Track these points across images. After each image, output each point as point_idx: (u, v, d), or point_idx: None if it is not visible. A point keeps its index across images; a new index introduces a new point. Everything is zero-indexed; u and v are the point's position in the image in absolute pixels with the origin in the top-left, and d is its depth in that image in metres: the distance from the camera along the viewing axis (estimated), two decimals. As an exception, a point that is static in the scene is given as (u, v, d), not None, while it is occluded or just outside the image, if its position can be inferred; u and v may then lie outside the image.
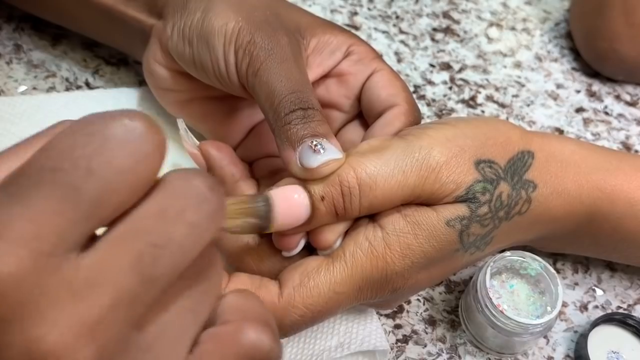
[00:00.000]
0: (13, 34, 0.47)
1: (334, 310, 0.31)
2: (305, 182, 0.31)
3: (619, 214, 0.36)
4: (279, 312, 0.29)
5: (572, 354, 0.39)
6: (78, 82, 0.46)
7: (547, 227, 0.36)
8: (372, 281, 0.31)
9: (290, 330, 0.30)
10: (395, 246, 0.31)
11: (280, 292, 0.30)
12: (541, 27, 0.55)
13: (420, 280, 0.33)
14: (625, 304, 0.41)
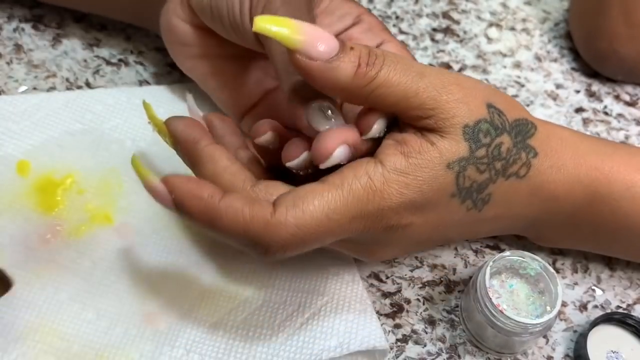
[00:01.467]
0: (13, 34, 0.47)
1: (324, 237, 0.30)
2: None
3: (617, 196, 0.36)
4: (270, 228, 0.29)
5: (571, 354, 0.39)
6: (78, 82, 0.46)
7: (546, 206, 0.36)
8: (366, 213, 0.31)
9: (279, 250, 0.30)
10: (394, 184, 0.31)
11: (273, 210, 0.30)
12: (541, 27, 0.55)
13: (416, 225, 0.33)
14: (625, 304, 0.41)
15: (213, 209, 0.29)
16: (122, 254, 0.38)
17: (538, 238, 0.40)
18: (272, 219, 0.29)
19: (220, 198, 0.29)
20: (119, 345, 0.35)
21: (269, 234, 0.29)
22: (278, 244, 0.29)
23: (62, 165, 0.40)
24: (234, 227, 0.29)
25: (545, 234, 0.40)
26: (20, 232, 0.38)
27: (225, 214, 0.29)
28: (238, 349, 0.35)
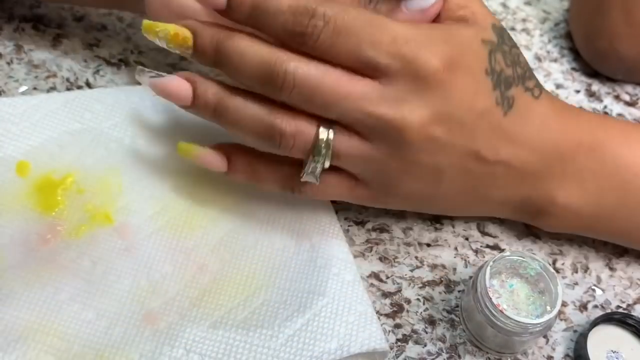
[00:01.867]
0: (13, 34, 0.47)
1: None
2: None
3: (616, 144, 0.39)
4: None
5: (571, 354, 0.39)
6: (79, 82, 0.46)
7: (554, 140, 0.37)
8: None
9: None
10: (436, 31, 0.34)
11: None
12: (541, 27, 0.55)
13: (453, 85, 0.33)
14: (625, 304, 0.41)
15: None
16: (122, 254, 0.38)
17: (544, 209, 0.40)
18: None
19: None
20: (118, 345, 0.35)
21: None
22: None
23: (62, 165, 0.40)
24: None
25: (551, 194, 0.39)
26: (20, 232, 0.38)
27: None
28: (238, 350, 0.35)
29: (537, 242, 0.43)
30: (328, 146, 0.33)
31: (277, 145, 0.33)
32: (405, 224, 0.43)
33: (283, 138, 0.33)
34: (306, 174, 0.35)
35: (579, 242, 0.44)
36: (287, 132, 0.33)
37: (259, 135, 0.34)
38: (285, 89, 0.32)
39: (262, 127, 0.33)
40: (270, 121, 0.33)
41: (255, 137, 0.34)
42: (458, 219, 0.44)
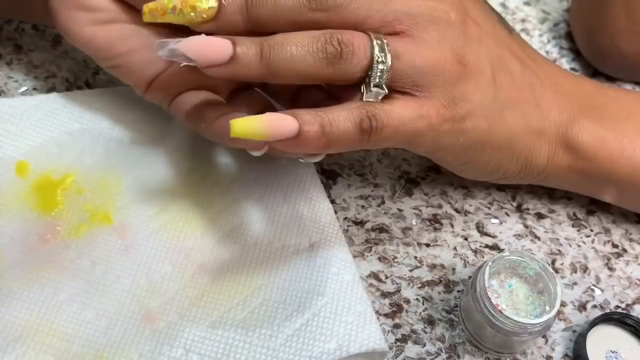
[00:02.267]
0: (13, 35, 0.47)
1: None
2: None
3: (606, 101, 0.41)
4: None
5: (570, 354, 0.39)
6: (78, 82, 0.46)
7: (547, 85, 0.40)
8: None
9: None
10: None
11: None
12: (540, 27, 0.55)
13: (473, 29, 0.36)
14: (624, 304, 0.42)
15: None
16: (121, 254, 0.38)
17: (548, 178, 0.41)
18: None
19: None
20: (118, 345, 0.35)
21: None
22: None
23: (61, 165, 0.40)
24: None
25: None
26: (19, 232, 0.38)
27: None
28: (237, 349, 0.35)
29: (536, 242, 0.43)
30: (384, 48, 0.33)
31: (339, 55, 0.32)
32: (404, 224, 0.43)
33: (343, 45, 0.32)
34: (371, 89, 0.33)
35: (578, 241, 0.44)
36: (345, 39, 0.32)
37: (318, 55, 0.32)
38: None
39: (319, 44, 0.32)
40: (324, 37, 0.32)
41: (314, 58, 0.32)
42: (457, 219, 0.44)
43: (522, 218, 0.44)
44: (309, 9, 0.33)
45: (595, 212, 0.45)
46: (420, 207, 0.44)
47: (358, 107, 0.33)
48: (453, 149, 0.37)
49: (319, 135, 0.32)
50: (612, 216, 0.45)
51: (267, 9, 0.32)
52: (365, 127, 0.32)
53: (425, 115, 0.34)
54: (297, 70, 0.32)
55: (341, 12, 0.33)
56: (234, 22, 0.33)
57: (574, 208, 0.45)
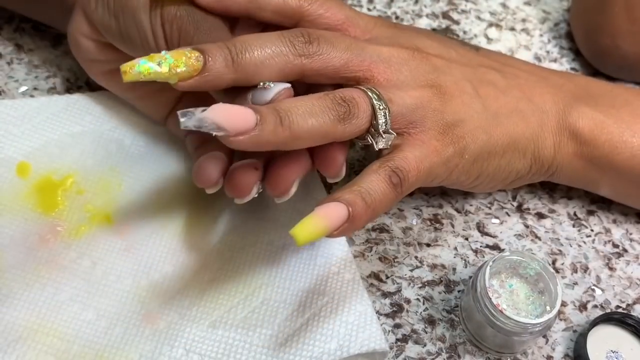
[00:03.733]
0: (14, 34, 0.47)
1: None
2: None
3: (599, 91, 0.42)
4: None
5: (571, 354, 0.39)
6: (79, 82, 0.46)
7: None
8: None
9: None
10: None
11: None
12: (540, 27, 0.55)
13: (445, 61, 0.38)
14: (624, 304, 0.42)
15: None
16: (121, 254, 0.38)
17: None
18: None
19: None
20: (118, 345, 0.35)
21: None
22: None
23: (62, 166, 0.40)
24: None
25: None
26: (20, 232, 0.38)
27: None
28: (237, 349, 0.36)
29: (536, 242, 0.43)
30: (379, 95, 0.34)
31: (349, 112, 0.33)
32: (405, 224, 0.43)
33: (348, 101, 0.33)
34: (382, 137, 0.34)
35: (578, 241, 0.44)
36: (347, 96, 0.33)
37: (330, 116, 0.33)
38: (314, 45, 0.34)
39: (329, 104, 0.33)
40: (329, 98, 0.33)
41: (329, 119, 0.33)
42: (457, 219, 0.44)
43: (522, 218, 0.44)
44: (296, 55, 0.34)
45: (596, 212, 0.45)
46: (420, 206, 0.44)
47: (380, 167, 0.34)
48: (462, 168, 0.38)
49: (365, 209, 0.33)
50: (613, 216, 0.45)
51: (254, 60, 0.33)
52: (396, 181, 0.34)
53: (432, 148, 0.36)
54: (318, 131, 0.32)
55: (324, 57, 0.34)
56: (220, 76, 0.32)
57: (574, 208, 0.45)
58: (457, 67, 0.39)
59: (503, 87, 0.40)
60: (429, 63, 0.38)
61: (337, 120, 0.33)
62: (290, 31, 0.34)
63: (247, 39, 0.33)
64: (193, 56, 0.32)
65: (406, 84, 0.36)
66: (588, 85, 0.43)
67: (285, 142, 0.32)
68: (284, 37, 0.34)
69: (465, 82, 0.38)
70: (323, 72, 0.35)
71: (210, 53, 0.32)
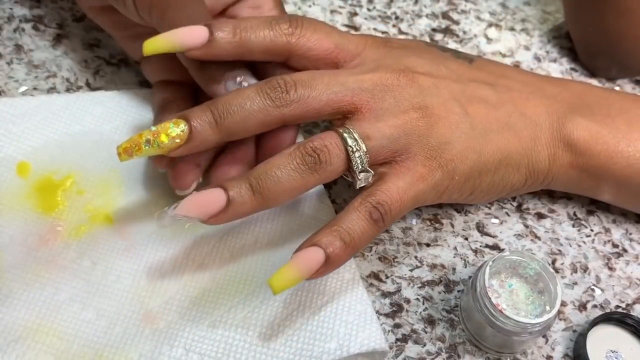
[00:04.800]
0: (14, 35, 0.47)
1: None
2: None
3: (595, 99, 0.42)
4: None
5: (570, 353, 0.39)
6: (79, 82, 0.46)
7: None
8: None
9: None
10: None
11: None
12: (540, 27, 0.55)
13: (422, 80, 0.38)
14: (624, 304, 0.42)
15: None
16: (121, 254, 0.38)
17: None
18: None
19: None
20: (118, 345, 0.35)
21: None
22: None
23: (62, 166, 0.40)
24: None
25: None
26: (20, 232, 0.38)
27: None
28: (237, 349, 0.35)
29: (536, 241, 0.43)
30: (353, 137, 0.35)
31: (319, 161, 0.34)
32: (404, 224, 0.43)
33: (318, 150, 0.34)
34: (358, 177, 0.35)
35: (578, 241, 0.44)
36: (317, 145, 0.35)
37: (300, 168, 0.34)
38: (291, 94, 0.35)
39: (297, 159, 0.34)
40: (299, 151, 0.34)
41: (299, 172, 0.34)
42: (457, 218, 0.44)
43: (522, 218, 0.44)
44: (274, 107, 0.35)
45: (596, 212, 0.45)
46: (420, 206, 0.44)
47: (361, 204, 0.35)
48: (454, 188, 0.38)
49: (344, 250, 0.34)
50: (612, 216, 0.45)
51: (236, 118, 0.35)
52: (376, 217, 0.35)
53: (418, 175, 0.36)
54: (290, 189, 0.34)
55: (304, 102, 0.35)
56: (206, 139, 0.35)
57: (574, 208, 0.45)
58: (445, 86, 0.38)
59: (495, 102, 0.39)
60: (414, 85, 0.37)
61: (308, 172, 0.34)
62: (267, 82, 0.36)
63: (227, 100, 0.35)
64: (178, 127, 0.34)
65: (389, 112, 0.36)
66: (584, 94, 0.42)
67: (260, 207, 0.34)
68: (261, 91, 0.35)
69: (453, 102, 0.38)
70: (304, 115, 0.36)
71: (194, 119, 0.34)
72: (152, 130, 0.34)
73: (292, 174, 0.34)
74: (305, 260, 0.33)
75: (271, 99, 0.35)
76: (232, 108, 0.35)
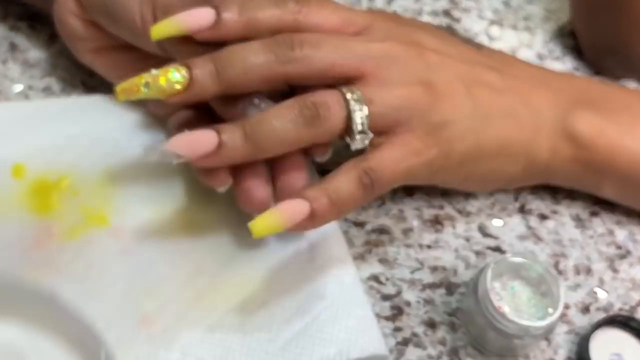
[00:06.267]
0: (9, 33, 0.47)
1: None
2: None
3: (599, 94, 0.42)
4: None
5: (573, 356, 0.39)
6: (74, 81, 0.45)
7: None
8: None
9: None
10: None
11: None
12: (543, 25, 0.55)
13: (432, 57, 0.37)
14: (628, 306, 0.41)
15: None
16: (117, 256, 0.38)
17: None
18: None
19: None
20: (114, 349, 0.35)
21: None
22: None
23: (57, 168, 0.40)
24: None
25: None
26: (15, 234, 0.38)
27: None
28: (235, 353, 0.35)
29: (539, 243, 0.43)
30: (357, 97, 0.34)
31: (317, 115, 0.34)
32: (405, 225, 0.43)
33: (318, 105, 0.34)
34: (356, 137, 0.34)
35: (581, 243, 0.43)
36: (318, 100, 0.34)
37: (297, 121, 0.34)
38: (296, 51, 0.34)
39: (295, 111, 0.34)
40: (298, 103, 0.34)
41: (295, 124, 0.34)
42: (458, 220, 0.43)
43: (524, 219, 0.44)
44: (278, 63, 0.34)
45: (599, 213, 0.45)
46: (421, 207, 0.44)
47: (352, 167, 0.34)
48: (449, 170, 0.38)
49: (329, 207, 0.34)
50: (616, 217, 0.45)
51: (237, 72, 0.34)
52: (366, 182, 0.34)
53: (414, 149, 0.35)
54: (282, 140, 0.34)
55: (309, 61, 0.34)
56: (206, 89, 0.34)
57: (577, 209, 0.45)
58: (452, 65, 0.38)
59: (499, 88, 0.39)
60: (422, 59, 0.37)
61: (304, 125, 0.34)
62: (273, 38, 0.35)
63: (230, 51, 0.34)
64: (179, 72, 0.33)
65: (395, 82, 0.36)
66: (588, 88, 0.42)
67: (251, 155, 0.34)
68: (266, 46, 0.34)
69: (458, 82, 0.38)
70: (308, 76, 0.35)
71: (196, 68, 0.34)
72: (152, 74, 0.34)
73: (287, 125, 0.33)
74: (290, 209, 0.33)
75: (275, 54, 0.34)
76: (235, 60, 0.34)
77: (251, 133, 0.33)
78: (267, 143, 0.34)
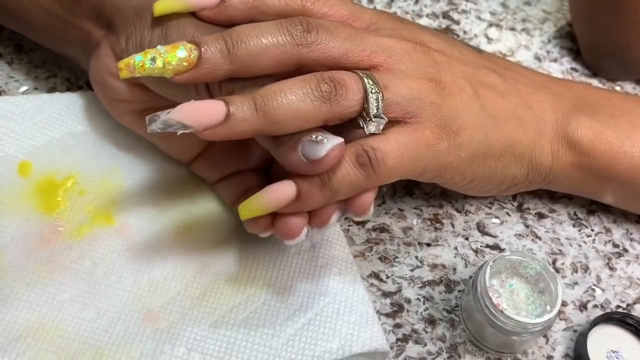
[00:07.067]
0: (14, 34, 0.47)
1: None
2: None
3: (598, 99, 0.42)
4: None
5: (571, 353, 0.39)
6: (79, 82, 0.46)
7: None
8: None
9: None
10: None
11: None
12: (541, 27, 0.55)
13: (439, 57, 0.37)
14: (625, 303, 0.42)
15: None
16: (123, 254, 0.38)
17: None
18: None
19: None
20: (119, 343, 0.35)
21: None
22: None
23: (64, 167, 0.40)
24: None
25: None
26: (21, 232, 0.38)
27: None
28: (240, 349, 0.36)
29: (537, 241, 0.43)
30: (373, 80, 0.33)
31: (335, 91, 0.32)
32: (405, 224, 0.43)
33: (335, 81, 0.32)
34: (373, 121, 0.33)
35: (579, 241, 0.44)
36: (335, 77, 0.32)
37: (313, 94, 0.32)
38: (312, 34, 0.33)
39: (312, 84, 0.32)
40: (315, 77, 0.32)
41: (311, 98, 0.31)
42: (457, 218, 0.44)
43: (523, 218, 0.44)
44: (293, 45, 0.33)
45: (596, 211, 0.45)
46: (421, 206, 0.44)
47: (351, 145, 0.33)
48: (457, 167, 0.37)
49: (318, 189, 0.32)
50: (613, 216, 0.45)
51: (250, 51, 0.32)
52: (363, 161, 0.32)
53: (424, 139, 0.35)
54: (296, 114, 0.31)
55: (323, 47, 0.33)
56: (215, 68, 0.32)
57: (574, 208, 0.45)
58: (458, 65, 0.38)
59: (502, 91, 0.39)
60: (430, 57, 0.37)
61: (320, 100, 0.32)
62: (288, 19, 0.33)
63: (243, 30, 0.32)
64: (187, 49, 0.32)
65: (406, 74, 0.35)
66: (587, 94, 0.42)
67: (262, 128, 0.31)
68: (282, 26, 0.33)
69: (464, 81, 0.38)
70: (322, 61, 0.34)
71: (205, 45, 0.32)
72: (158, 49, 0.32)
73: (303, 98, 0.31)
74: (275, 192, 0.32)
75: (291, 36, 0.33)
76: (248, 39, 0.32)
77: (262, 105, 0.31)
78: (279, 115, 0.31)
